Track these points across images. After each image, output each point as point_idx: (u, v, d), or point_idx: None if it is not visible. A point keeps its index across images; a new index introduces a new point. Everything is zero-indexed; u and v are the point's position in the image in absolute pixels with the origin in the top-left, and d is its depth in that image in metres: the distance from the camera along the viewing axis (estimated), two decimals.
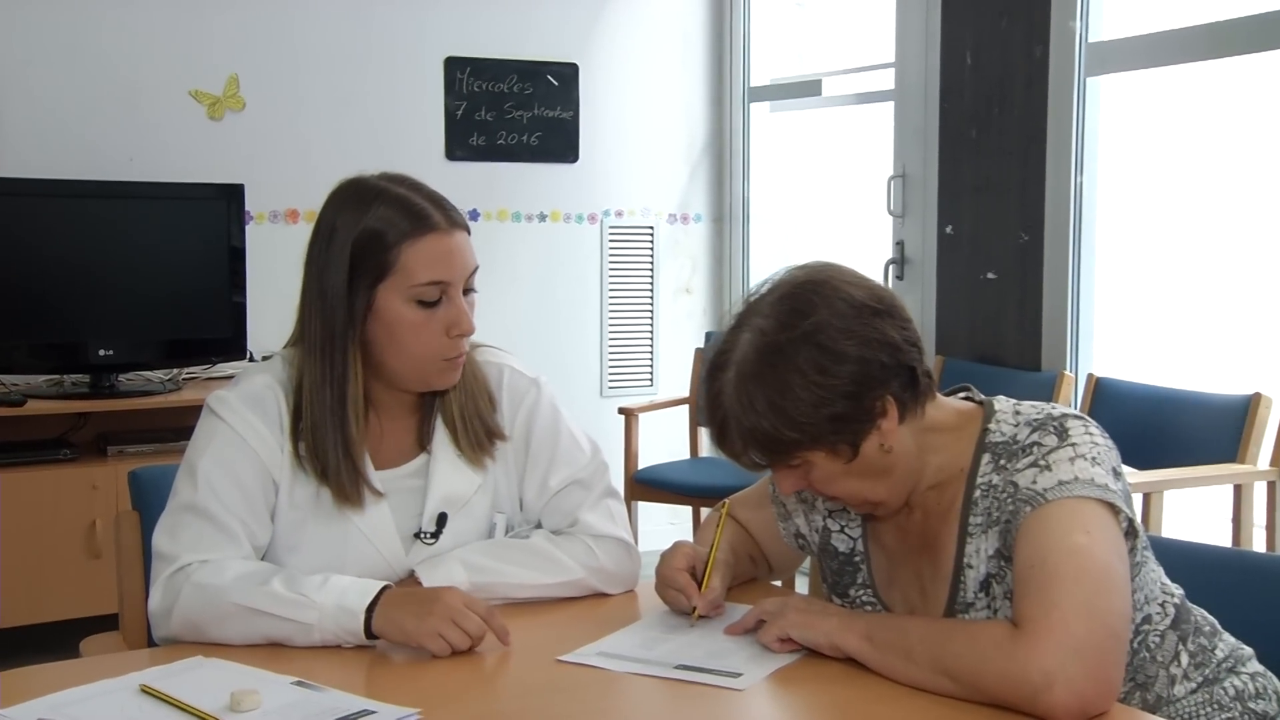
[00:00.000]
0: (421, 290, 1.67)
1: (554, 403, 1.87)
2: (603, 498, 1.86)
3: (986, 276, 3.96)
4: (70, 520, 3.75)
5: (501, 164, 4.85)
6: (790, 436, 1.43)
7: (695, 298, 5.29)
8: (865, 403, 1.43)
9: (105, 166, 4.17)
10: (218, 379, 4.16)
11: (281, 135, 4.47)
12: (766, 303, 1.47)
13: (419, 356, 1.69)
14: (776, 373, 1.42)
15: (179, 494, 1.68)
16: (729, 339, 1.48)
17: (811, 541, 1.73)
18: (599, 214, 5.06)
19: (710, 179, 5.27)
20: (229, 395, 1.73)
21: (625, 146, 5.09)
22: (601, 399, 5.06)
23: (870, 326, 1.43)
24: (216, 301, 4.08)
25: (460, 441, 1.77)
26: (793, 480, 1.51)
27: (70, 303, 3.93)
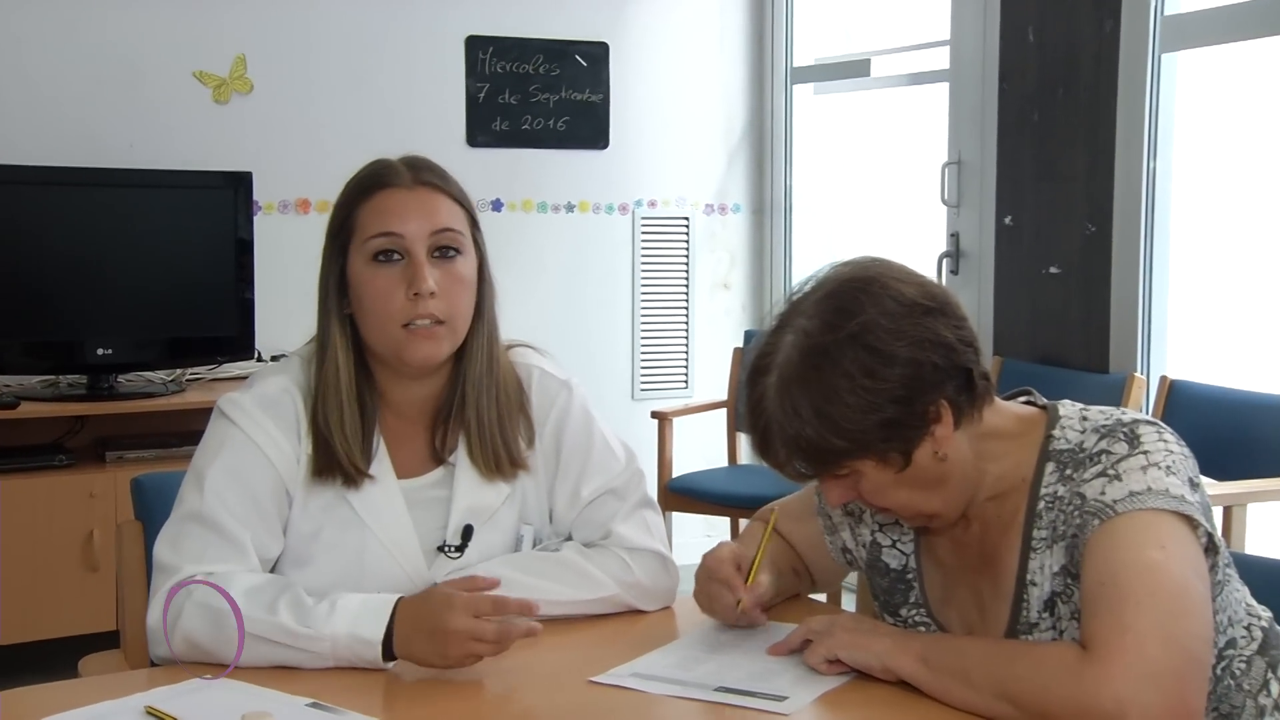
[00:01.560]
0: (376, 245, 1.72)
1: (586, 407, 1.88)
2: (638, 508, 1.86)
3: (1049, 271, 3.94)
4: (66, 531, 3.77)
5: (526, 151, 4.86)
6: (837, 445, 1.43)
7: (734, 294, 5.29)
8: (917, 407, 1.43)
9: (104, 153, 4.20)
10: (224, 380, 4.18)
11: (292, 120, 4.50)
12: (810, 302, 1.47)
13: (382, 319, 1.72)
14: (822, 377, 1.42)
15: (184, 502, 1.69)
16: (771, 341, 1.48)
17: (859, 557, 1.73)
18: (630, 204, 5.06)
19: (750, 167, 5.27)
20: (242, 398, 1.74)
21: (659, 132, 5.09)
22: (633, 402, 5.06)
23: (922, 326, 1.43)
24: (222, 297, 4.11)
25: (475, 455, 1.79)
26: (841, 491, 1.51)
27: (66, 298, 3.95)
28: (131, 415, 3.98)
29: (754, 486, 4.21)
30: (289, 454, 1.72)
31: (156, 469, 2.79)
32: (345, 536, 1.73)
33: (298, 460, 1.73)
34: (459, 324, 1.75)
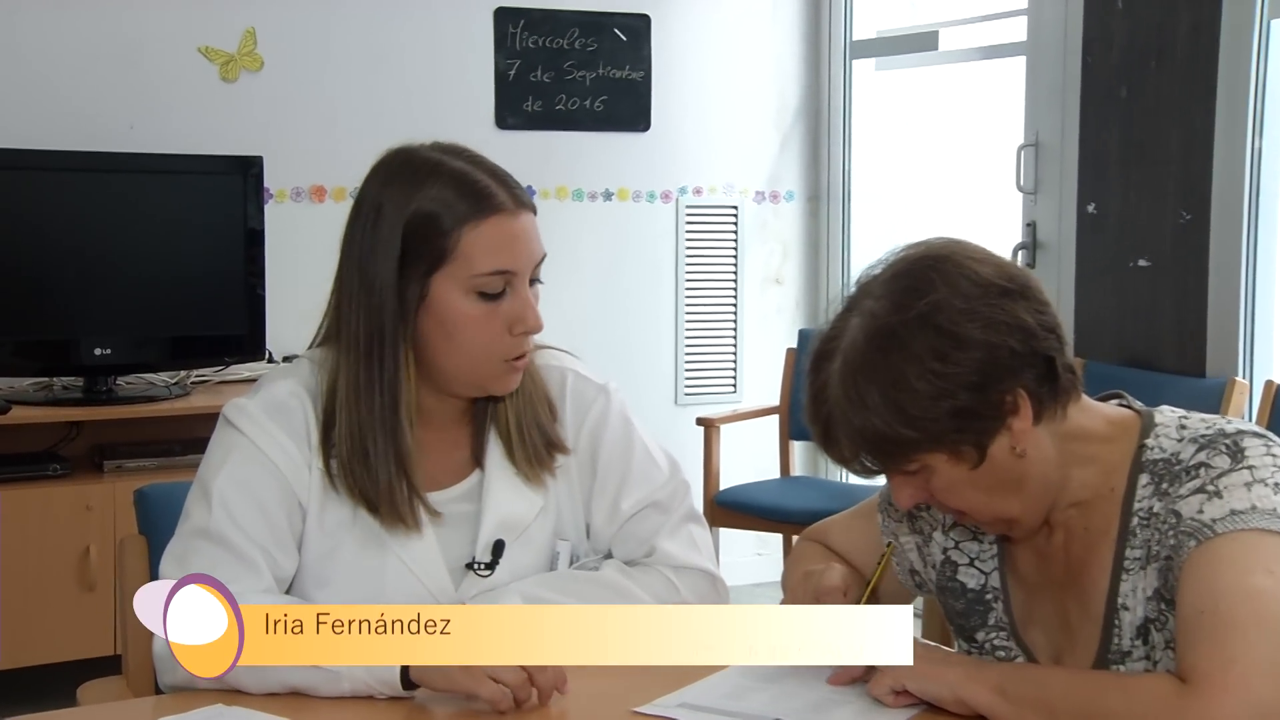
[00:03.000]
0: (484, 281, 1.69)
1: (625, 413, 1.88)
2: (684, 522, 1.86)
3: (1138, 264, 3.92)
4: (60, 546, 3.78)
5: (560, 133, 4.87)
6: (906, 435, 1.43)
7: (786, 289, 5.27)
8: (992, 396, 1.43)
9: (101, 135, 4.22)
10: (232, 383, 4.19)
11: (305, 100, 4.52)
12: (879, 282, 1.48)
13: (477, 357, 1.71)
14: (889, 361, 1.42)
15: (190, 517, 1.70)
16: (837, 325, 1.49)
17: (928, 579, 1.72)
18: (674, 192, 5.06)
19: (805, 150, 5.25)
20: (249, 404, 1.75)
21: (705, 112, 5.08)
22: (676, 408, 5.05)
23: (998, 307, 1.43)
24: (230, 293, 4.12)
25: (516, 455, 1.79)
26: (911, 490, 1.51)
27: (60, 293, 3.97)
28: (131, 421, 3.99)
29: (808, 500, 4.20)
30: (299, 463, 1.73)
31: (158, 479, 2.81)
32: (365, 554, 1.73)
33: (309, 469, 1.73)
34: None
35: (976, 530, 1.64)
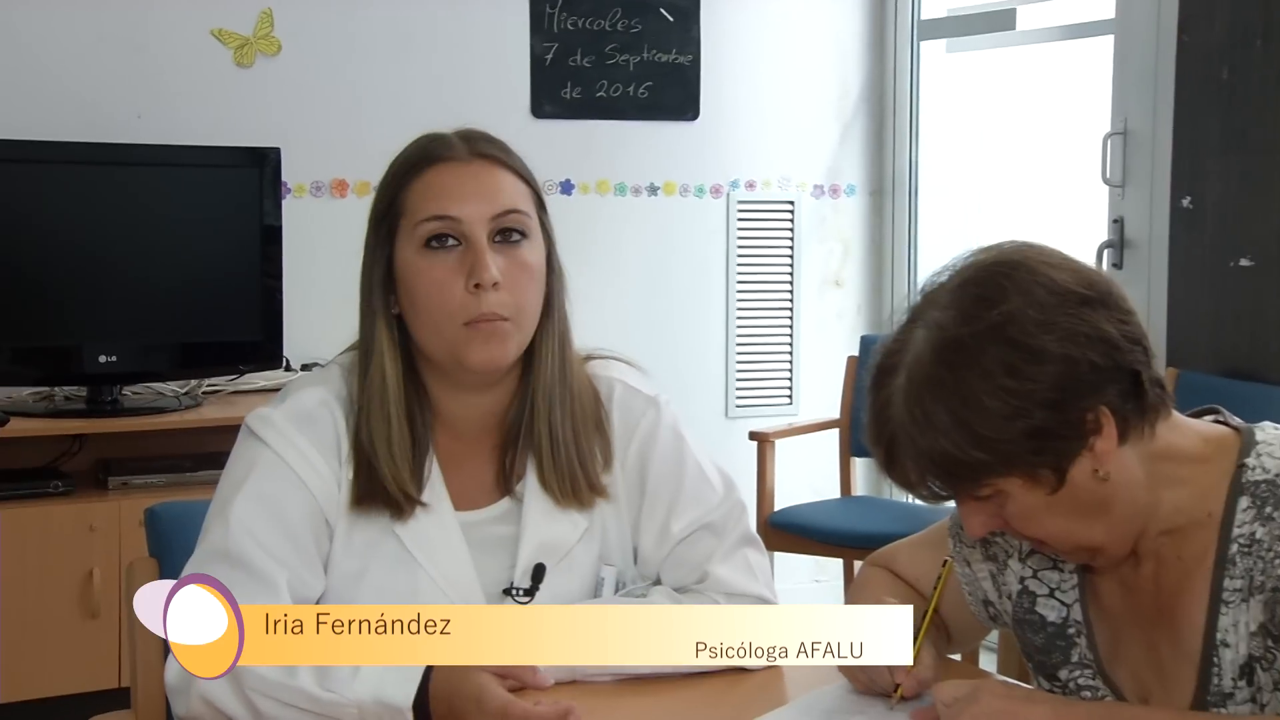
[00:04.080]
0: (426, 228, 1.74)
1: (677, 427, 1.89)
2: (739, 546, 1.87)
3: (1238, 264, 3.89)
4: (61, 570, 3.79)
5: (602, 123, 4.88)
6: (976, 458, 1.43)
7: (847, 292, 5.27)
8: (1072, 414, 1.42)
9: (106, 125, 4.24)
10: (247, 393, 4.22)
11: (326, 86, 4.54)
12: (945, 291, 1.48)
13: (439, 319, 1.74)
14: (957, 377, 1.42)
15: (208, 537, 1.72)
16: (900, 337, 1.49)
17: (1003, 610, 1.71)
18: (725, 186, 5.06)
19: (868, 140, 5.24)
20: (273, 413, 1.77)
21: (759, 99, 5.08)
22: (727, 420, 5.05)
23: (1077, 318, 1.43)
24: (245, 295, 4.14)
25: (549, 483, 1.80)
26: (983, 517, 1.51)
27: (62, 296, 3.99)
28: (138, 434, 4.01)
29: (871, 522, 4.19)
30: (328, 478, 1.75)
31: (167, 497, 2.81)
32: (394, 577, 1.74)
33: (338, 485, 1.75)
34: (526, 320, 1.78)
35: (1057, 558, 1.63)
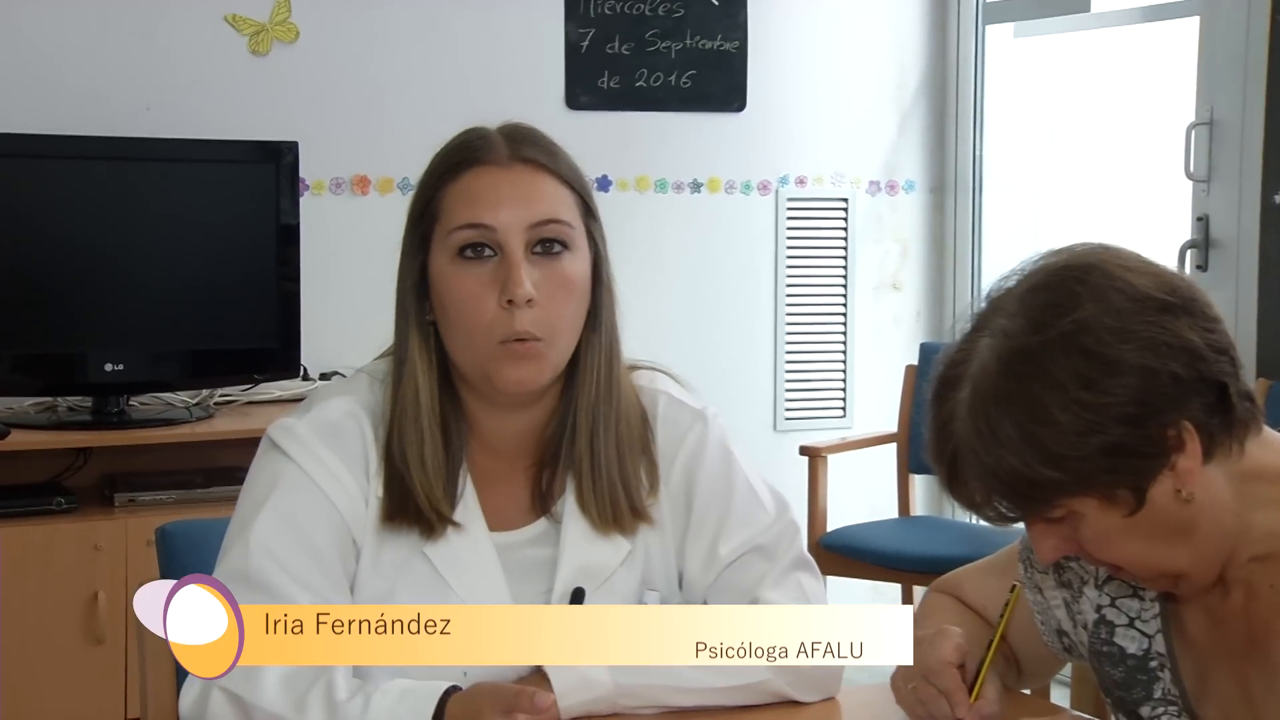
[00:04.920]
0: (460, 236, 1.74)
1: (725, 442, 1.89)
2: (792, 570, 1.86)
3: None
4: (64, 592, 3.80)
5: (641, 115, 4.88)
6: (1047, 476, 1.42)
7: (905, 296, 5.26)
8: (1151, 430, 1.41)
9: (112, 118, 4.26)
10: (262, 403, 4.24)
11: (346, 76, 4.55)
12: (1013, 297, 1.48)
13: (469, 333, 1.75)
14: (1026, 389, 1.41)
15: (227, 558, 1.73)
16: (965, 347, 1.48)
17: (1078, 641, 1.71)
18: (773, 182, 5.06)
19: (928, 132, 5.23)
20: (297, 425, 1.78)
21: (810, 89, 5.08)
22: (776, 434, 5.05)
23: (1157, 325, 1.42)
24: (260, 299, 4.15)
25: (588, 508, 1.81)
26: (1055, 540, 1.50)
27: (65, 300, 4.01)
28: (147, 448, 4.04)
29: (932, 544, 4.18)
30: (354, 494, 1.75)
31: (177, 515, 2.83)
32: (424, 600, 1.74)
33: (365, 502, 1.76)
34: (562, 340, 1.78)
35: (1137, 585, 1.63)
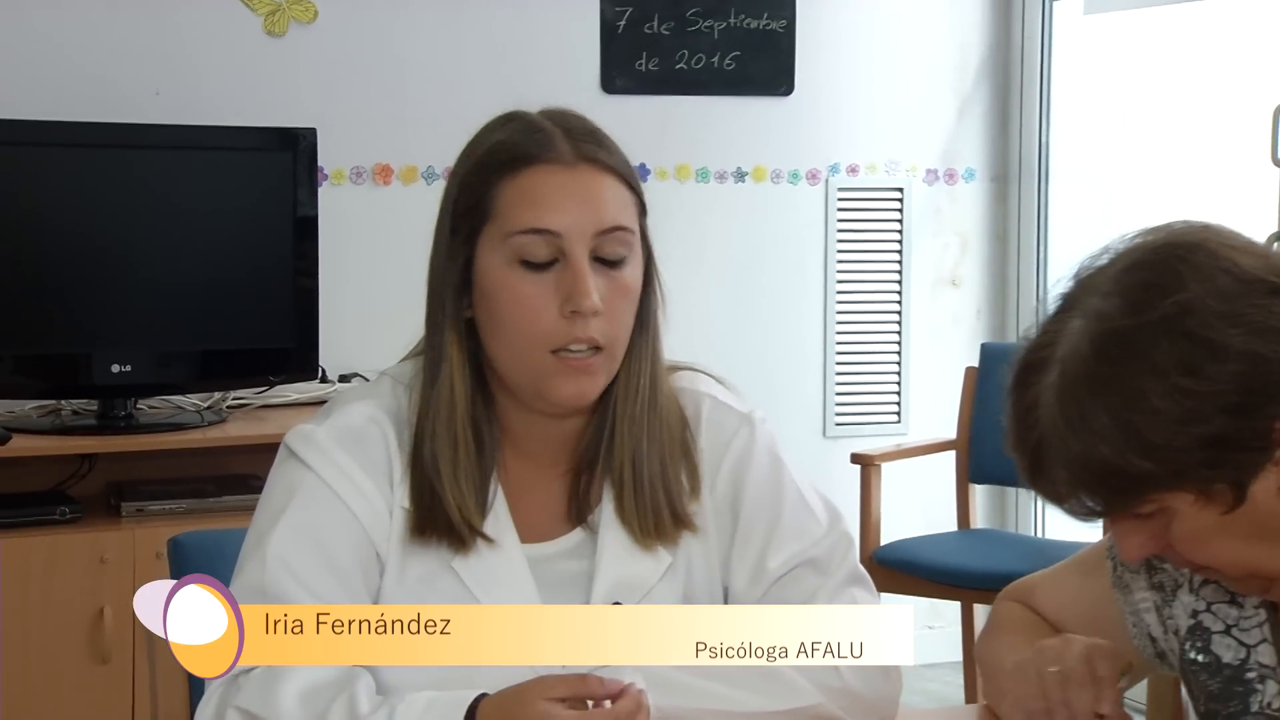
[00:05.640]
0: (522, 242, 1.73)
1: (773, 448, 1.89)
2: (846, 586, 1.86)
3: None
4: (69, 607, 3.81)
5: (682, 99, 4.89)
6: (1141, 468, 1.41)
7: (965, 293, 5.25)
8: (1257, 421, 1.41)
9: (120, 104, 4.28)
10: (278, 407, 4.25)
11: (368, 58, 4.56)
12: (1108, 276, 1.47)
13: (523, 343, 1.74)
14: (1123, 374, 1.41)
15: (243, 572, 1.73)
16: (1052, 328, 1.48)
17: (1168, 649, 1.70)
18: (823, 171, 5.06)
19: (990, 117, 5.22)
20: (316, 431, 1.78)
21: (863, 71, 5.08)
22: (825, 441, 5.05)
23: (1266, 310, 1.41)
24: (276, 296, 4.16)
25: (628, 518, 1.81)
26: (1142, 538, 1.50)
27: (69, 297, 4.02)
28: (155, 454, 4.05)
29: (994, 559, 4.16)
30: (377, 504, 1.76)
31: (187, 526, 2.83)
32: None
33: (389, 513, 1.76)
34: (619, 349, 1.79)
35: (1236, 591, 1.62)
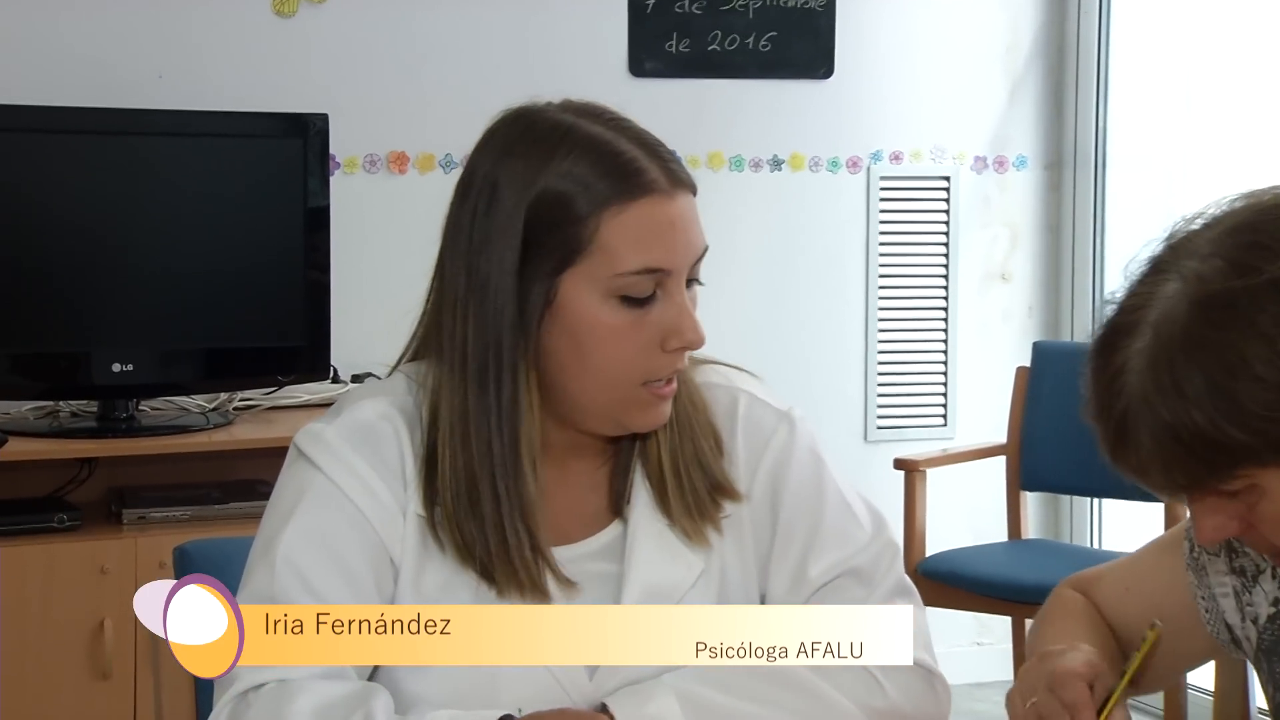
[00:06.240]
0: (630, 282, 1.71)
1: (814, 448, 1.89)
2: (892, 597, 1.87)
3: None
4: (67, 620, 3.81)
5: (714, 82, 4.89)
6: (1236, 439, 1.41)
7: (1016, 288, 5.24)
8: None
9: (120, 88, 4.29)
10: (287, 408, 4.26)
11: (382, 40, 4.57)
12: (1206, 239, 1.47)
13: (616, 380, 1.73)
14: (1225, 339, 1.40)
15: (251, 580, 1.73)
16: (1141, 291, 1.48)
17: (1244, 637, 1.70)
18: (864, 159, 5.06)
19: (1042, 101, 5.22)
20: (326, 430, 1.78)
21: (907, 52, 5.08)
22: (866, 445, 5.05)
23: None
24: (285, 291, 4.17)
25: (670, 503, 1.80)
26: (1222, 518, 1.49)
27: (68, 293, 4.03)
28: (158, 458, 4.06)
29: (1046, 571, 4.13)
30: (390, 506, 1.75)
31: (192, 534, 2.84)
32: None
33: (403, 515, 1.75)
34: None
35: None
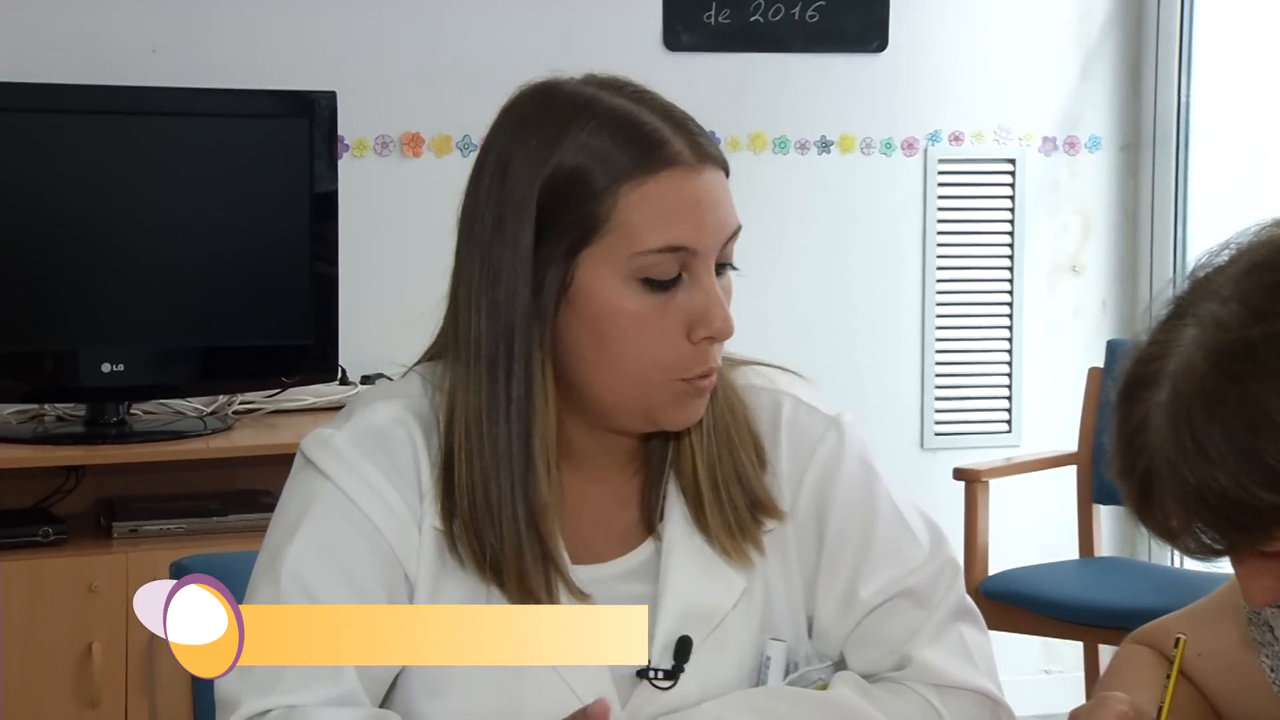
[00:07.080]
0: (651, 261, 1.70)
1: (866, 456, 1.88)
2: (952, 621, 1.87)
3: None
4: (52, 643, 3.83)
5: (756, 57, 4.90)
6: (1266, 501, 1.39)
7: (1088, 281, 5.24)
8: None
9: (114, 64, 4.31)
10: (291, 412, 4.28)
11: (394, 13, 4.58)
12: (1228, 278, 1.45)
13: (640, 371, 1.72)
14: (1244, 392, 1.39)
15: (256, 593, 1.73)
16: (1162, 339, 1.46)
17: None
18: (921, 140, 5.06)
19: (1117, 79, 5.22)
20: (335, 436, 1.78)
21: (968, 24, 5.08)
22: (923, 453, 5.07)
23: None
24: (290, 284, 4.19)
25: (708, 520, 1.79)
26: (1269, 580, 1.48)
27: (55, 286, 4.05)
28: (152, 467, 4.08)
29: (1122, 592, 4.16)
30: (404, 517, 1.75)
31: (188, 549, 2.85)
32: None
33: (418, 527, 1.75)
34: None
35: None
